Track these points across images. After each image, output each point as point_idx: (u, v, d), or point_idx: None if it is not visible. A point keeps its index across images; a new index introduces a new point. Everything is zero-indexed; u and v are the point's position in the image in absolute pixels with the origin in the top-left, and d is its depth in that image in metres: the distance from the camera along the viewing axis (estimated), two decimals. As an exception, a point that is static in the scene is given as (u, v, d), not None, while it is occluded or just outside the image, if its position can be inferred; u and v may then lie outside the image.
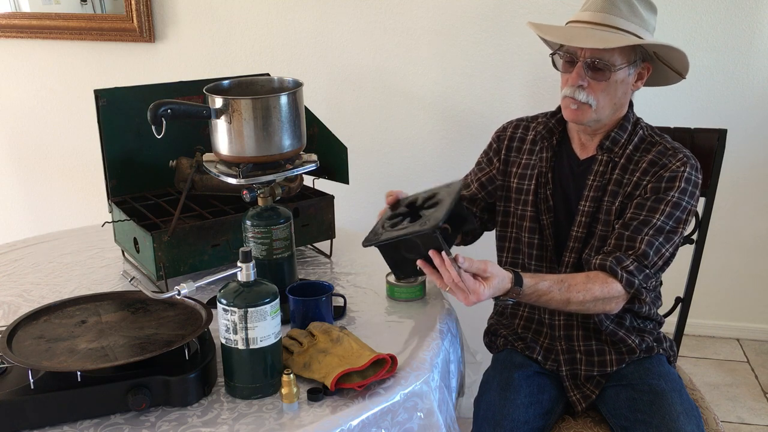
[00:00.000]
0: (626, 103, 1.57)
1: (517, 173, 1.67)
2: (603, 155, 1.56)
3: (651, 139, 1.57)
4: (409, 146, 2.58)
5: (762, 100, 2.64)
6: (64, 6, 2.75)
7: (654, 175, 1.51)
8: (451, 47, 2.45)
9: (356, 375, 1.24)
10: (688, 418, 1.44)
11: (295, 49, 2.59)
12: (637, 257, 1.47)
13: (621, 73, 1.49)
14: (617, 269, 1.46)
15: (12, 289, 1.68)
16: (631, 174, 1.54)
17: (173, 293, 1.21)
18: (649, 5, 1.52)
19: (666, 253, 1.50)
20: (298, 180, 1.82)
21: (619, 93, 1.52)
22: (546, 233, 1.62)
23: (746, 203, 2.81)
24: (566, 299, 1.43)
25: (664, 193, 1.49)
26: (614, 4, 1.49)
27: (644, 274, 1.47)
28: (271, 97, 1.44)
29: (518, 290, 1.38)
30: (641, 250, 1.46)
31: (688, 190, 1.50)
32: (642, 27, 1.49)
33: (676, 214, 1.49)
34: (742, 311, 3.01)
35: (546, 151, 1.64)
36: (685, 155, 1.52)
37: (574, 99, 1.51)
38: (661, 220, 1.48)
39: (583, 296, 1.43)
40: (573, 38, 1.49)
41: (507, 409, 1.51)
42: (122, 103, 1.76)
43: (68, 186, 2.98)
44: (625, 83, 1.52)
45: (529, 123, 1.71)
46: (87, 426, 1.14)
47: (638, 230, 1.48)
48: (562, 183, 1.62)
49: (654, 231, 1.48)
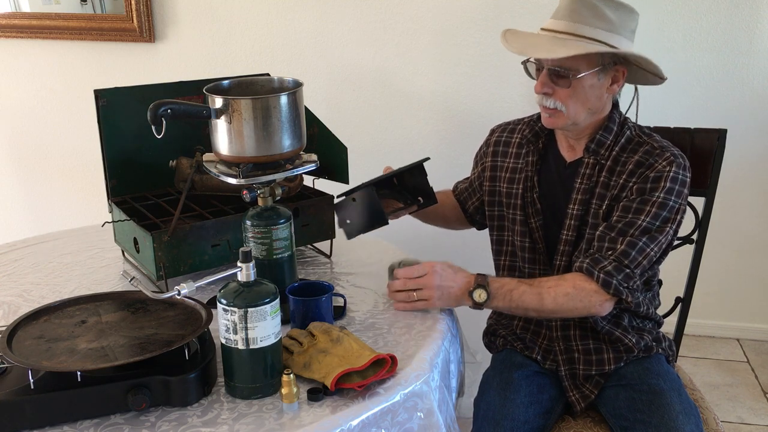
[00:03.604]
0: (604, 106, 1.56)
1: (506, 177, 1.68)
2: (589, 158, 1.56)
3: (638, 140, 1.56)
4: (409, 146, 2.58)
5: (762, 100, 2.64)
6: (64, 6, 2.75)
7: (640, 176, 1.51)
8: (451, 47, 2.45)
9: (356, 375, 1.24)
10: (688, 417, 1.45)
11: (295, 49, 2.59)
12: (617, 257, 1.46)
13: (588, 79, 1.49)
14: (594, 270, 1.46)
15: (12, 289, 1.68)
16: (618, 176, 1.54)
17: (173, 293, 1.21)
18: (618, 6, 1.49)
19: (650, 252, 1.48)
20: (298, 180, 1.82)
21: (591, 98, 1.51)
22: (536, 236, 1.63)
23: (746, 203, 2.81)
24: (538, 293, 1.46)
25: (650, 193, 1.49)
26: (576, 10, 1.48)
27: (624, 274, 1.46)
28: (271, 97, 1.44)
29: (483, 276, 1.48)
30: (621, 249, 1.46)
31: (674, 190, 1.49)
32: (610, 30, 1.47)
33: (663, 214, 1.48)
34: (742, 311, 3.01)
35: (532, 155, 1.64)
36: (672, 154, 1.51)
37: (544, 106, 1.53)
38: (646, 221, 1.47)
39: (554, 291, 1.45)
40: (525, 49, 1.51)
41: (507, 408, 1.51)
42: (122, 103, 1.76)
43: (68, 186, 2.98)
44: (596, 87, 1.51)
45: (516, 126, 1.72)
46: (87, 426, 1.14)
47: (622, 232, 1.48)
48: (550, 186, 1.63)
49: (639, 232, 1.47)
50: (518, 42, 1.53)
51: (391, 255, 1.84)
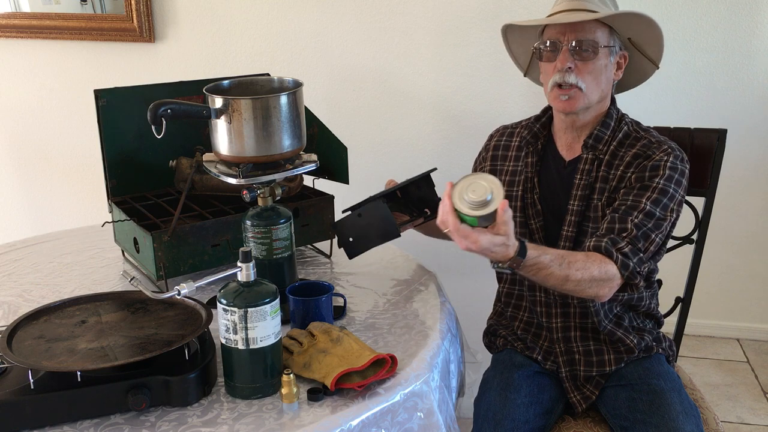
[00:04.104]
0: (609, 93, 1.58)
1: (506, 181, 1.68)
2: (588, 154, 1.57)
3: (636, 135, 1.57)
4: (409, 146, 2.58)
5: (762, 100, 2.64)
6: (64, 6, 2.75)
7: (638, 166, 1.52)
8: (451, 47, 2.45)
9: (356, 375, 1.24)
10: (688, 417, 1.45)
11: (295, 49, 2.59)
12: (631, 240, 1.45)
13: (603, 58, 1.51)
14: (612, 250, 1.43)
15: (12, 289, 1.68)
16: (616, 169, 1.54)
17: (173, 293, 1.21)
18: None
19: (656, 239, 1.48)
20: (298, 180, 1.82)
21: (603, 79, 1.53)
22: (536, 237, 1.63)
23: (746, 203, 2.81)
24: (565, 276, 1.39)
25: (649, 180, 1.49)
26: None
27: (638, 258, 1.45)
28: (271, 97, 1.44)
29: (519, 260, 1.33)
30: (634, 233, 1.45)
31: (674, 178, 1.49)
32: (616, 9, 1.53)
33: (663, 200, 1.48)
34: (742, 311, 3.01)
35: (531, 156, 1.64)
36: (669, 146, 1.52)
37: (563, 85, 1.51)
38: (648, 205, 1.47)
39: (581, 275, 1.39)
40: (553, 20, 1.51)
41: (507, 408, 1.51)
42: (122, 103, 1.76)
43: (68, 186, 2.98)
44: (608, 69, 1.53)
45: (514, 129, 1.72)
46: (87, 426, 1.14)
47: (627, 213, 1.47)
48: (550, 186, 1.63)
49: (643, 215, 1.46)
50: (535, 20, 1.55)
51: (391, 255, 1.84)
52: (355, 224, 1.58)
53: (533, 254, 1.35)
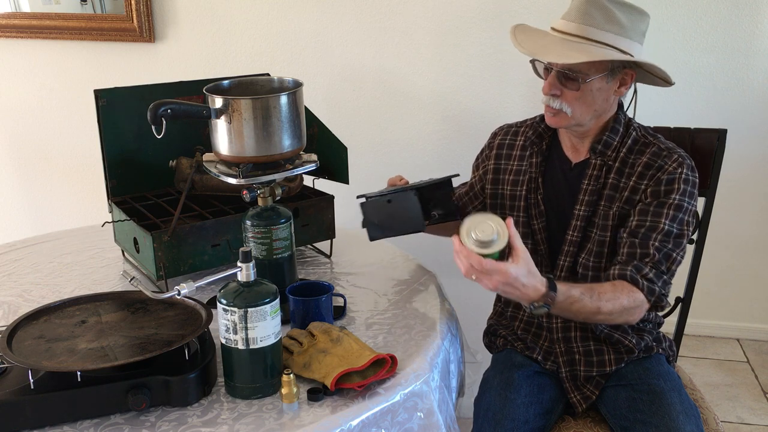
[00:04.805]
0: (610, 107, 1.56)
1: (509, 180, 1.67)
2: (596, 159, 1.56)
3: (644, 140, 1.56)
4: (409, 146, 2.58)
5: (762, 100, 2.64)
6: (64, 6, 2.75)
7: (651, 178, 1.51)
8: (451, 47, 2.45)
9: (356, 375, 1.24)
10: (688, 417, 1.45)
11: (295, 49, 2.59)
12: (654, 264, 1.46)
13: (597, 83, 1.49)
14: (638, 278, 1.45)
15: (12, 289, 1.68)
16: (627, 177, 1.54)
17: (173, 293, 1.21)
18: (630, 9, 1.49)
19: (678, 258, 1.50)
20: (298, 180, 1.82)
21: (598, 100, 1.51)
22: (537, 238, 1.62)
23: (746, 203, 2.81)
24: (596, 308, 1.40)
25: (665, 196, 1.49)
26: (588, 13, 1.47)
27: (662, 281, 1.47)
28: (271, 97, 1.44)
29: (553, 296, 1.33)
30: (656, 257, 1.46)
31: (687, 191, 1.50)
32: (620, 35, 1.47)
33: (680, 216, 1.49)
34: (742, 311, 3.01)
35: (536, 156, 1.64)
36: (679, 155, 1.52)
37: (549, 106, 1.52)
38: (667, 224, 1.48)
39: (612, 306, 1.41)
40: (537, 52, 1.49)
41: (507, 408, 1.51)
42: (122, 103, 1.76)
43: (68, 186, 2.98)
44: (604, 90, 1.51)
45: (518, 128, 1.71)
46: (87, 426, 1.14)
47: (647, 237, 1.48)
48: (555, 187, 1.62)
49: (662, 236, 1.47)
50: (529, 43, 1.52)
51: (391, 255, 1.84)
52: (382, 209, 1.61)
53: (563, 288, 1.36)
